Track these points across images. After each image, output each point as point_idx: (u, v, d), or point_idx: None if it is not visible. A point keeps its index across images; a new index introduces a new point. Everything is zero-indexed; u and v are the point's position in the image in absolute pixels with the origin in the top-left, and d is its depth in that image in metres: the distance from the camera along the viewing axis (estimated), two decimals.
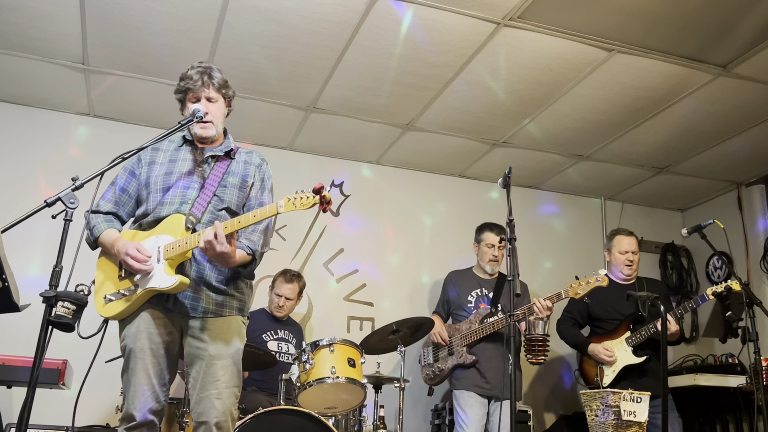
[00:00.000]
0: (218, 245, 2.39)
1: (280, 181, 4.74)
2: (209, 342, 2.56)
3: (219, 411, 2.50)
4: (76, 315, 2.08)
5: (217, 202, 2.68)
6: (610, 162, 5.31)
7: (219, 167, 2.74)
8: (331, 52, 3.95)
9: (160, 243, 2.56)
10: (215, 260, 2.51)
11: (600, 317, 4.35)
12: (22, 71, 4.26)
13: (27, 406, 1.98)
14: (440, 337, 4.32)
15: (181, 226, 2.57)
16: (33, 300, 2.35)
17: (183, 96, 2.78)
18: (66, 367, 3.32)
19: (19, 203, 2.78)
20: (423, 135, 4.97)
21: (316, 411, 3.32)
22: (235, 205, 2.72)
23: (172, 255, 2.52)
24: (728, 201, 5.70)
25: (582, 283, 3.82)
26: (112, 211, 2.73)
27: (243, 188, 2.75)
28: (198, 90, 2.73)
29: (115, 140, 4.52)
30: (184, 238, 2.52)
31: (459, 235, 5.41)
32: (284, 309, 4.41)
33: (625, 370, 4.09)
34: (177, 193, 2.66)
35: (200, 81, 2.72)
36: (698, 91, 4.22)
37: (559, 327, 4.51)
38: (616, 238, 4.44)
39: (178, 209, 2.62)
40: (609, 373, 4.13)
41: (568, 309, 4.52)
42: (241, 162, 2.81)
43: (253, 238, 2.65)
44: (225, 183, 2.72)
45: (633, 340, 4.12)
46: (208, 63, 2.82)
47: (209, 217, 2.63)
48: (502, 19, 3.59)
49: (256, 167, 2.82)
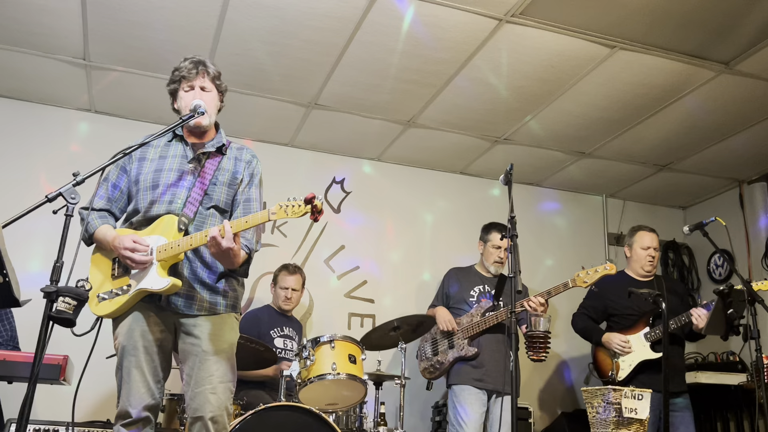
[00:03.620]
0: (225, 242, 2.39)
1: (280, 178, 4.78)
2: (203, 338, 2.57)
3: (214, 406, 2.50)
4: (76, 310, 2.08)
5: (206, 201, 2.67)
6: (612, 159, 5.31)
7: (210, 164, 2.72)
8: (333, 49, 3.94)
9: (152, 244, 2.55)
10: (219, 258, 2.51)
11: (617, 313, 4.27)
12: (23, 67, 4.25)
13: (27, 402, 1.98)
14: (450, 325, 4.23)
15: (173, 228, 2.56)
16: (34, 296, 2.35)
17: (177, 85, 2.77)
18: (67, 363, 3.32)
19: (20, 199, 2.78)
20: (424, 132, 4.96)
21: (317, 407, 3.32)
22: (224, 203, 2.71)
23: (165, 257, 2.52)
24: (730, 199, 5.69)
25: (590, 272, 3.81)
26: (106, 208, 2.73)
27: (232, 185, 2.74)
28: (193, 78, 2.74)
29: (115, 136, 4.50)
30: (176, 240, 2.52)
31: (460, 233, 5.41)
32: (292, 301, 4.41)
33: (641, 366, 4.02)
34: (167, 192, 2.64)
35: (195, 70, 2.74)
36: (700, 88, 4.21)
37: (573, 320, 4.48)
38: (638, 233, 4.36)
39: (168, 209, 2.61)
40: (625, 368, 4.06)
41: (584, 305, 4.48)
42: (232, 158, 2.79)
43: (248, 236, 2.64)
44: (215, 180, 2.71)
45: (652, 335, 4.03)
46: (201, 56, 2.83)
47: (199, 217, 2.64)
48: (504, 15, 3.58)
49: (246, 163, 2.80)
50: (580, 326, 4.42)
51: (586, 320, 4.41)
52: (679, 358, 4.21)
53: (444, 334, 4.30)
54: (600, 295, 4.28)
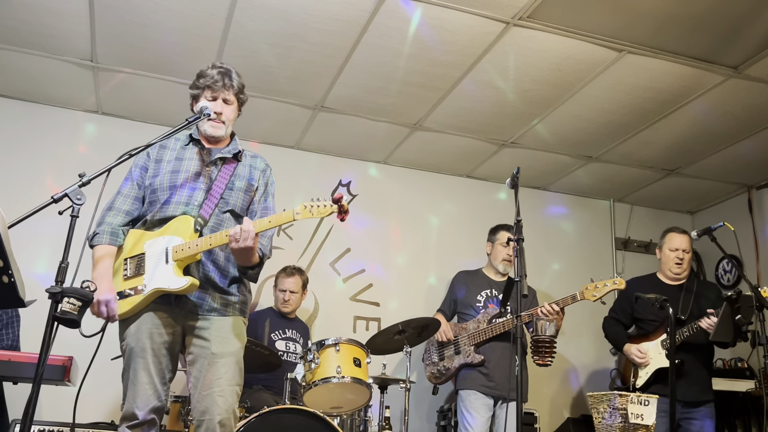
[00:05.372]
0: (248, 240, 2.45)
1: (287, 181, 4.76)
2: (212, 341, 2.59)
3: (222, 408, 2.52)
4: (81, 311, 2.08)
5: (222, 205, 2.71)
6: (620, 163, 5.28)
7: (226, 169, 2.77)
8: (340, 51, 3.94)
9: (168, 244, 2.58)
10: (237, 254, 2.56)
11: (642, 318, 4.23)
12: (31, 68, 4.27)
13: (32, 402, 1.98)
14: (446, 336, 4.28)
15: (189, 228, 2.60)
16: (39, 297, 2.35)
17: (200, 92, 2.80)
18: (72, 364, 3.32)
19: (27, 200, 2.77)
20: (431, 135, 4.95)
21: (322, 410, 3.31)
22: (240, 208, 2.76)
23: (182, 256, 2.55)
24: (739, 204, 5.65)
25: (598, 285, 3.79)
26: (130, 211, 2.72)
27: (248, 192, 2.80)
28: (218, 90, 2.77)
29: (123, 138, 4.52)
30: (194, 240, 2.55)
31: (466, 236, 5.40)
32: (290, 303, 4.41)
33: (658, 373, 3.99)
34: (184, 194, 2.68)
35: (221, 82, 2.77)
36: (709, 92, 4.18)
37: (603, 325, 4.45)
38: (668, 235, 4.29)
39: (185, 210, 2.65)
40: (642, 375, 4.05)
41: (613, 308, 4.45)
42: (247, 165, 2.85)
43: (263, 242, 2.69)
44: (231, 186, 2.75)
45: (667, 343, 3.99)
46: (228, 65, 2.85)
47: (215, 220, 2.67)
48: (512, 18, 3.57)
49: (261, 172, 2.87)
50: (608, 333, 4.40)
51: (615, 325, 4.36)
52: (703, 366, 4.09)
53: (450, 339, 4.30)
54: (628, 299, 4.20)
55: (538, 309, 3.92)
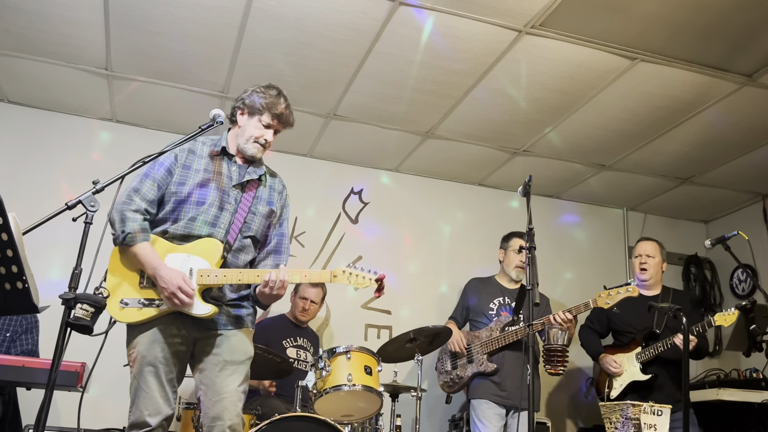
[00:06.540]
0: (282, 290, 2.60)
1: (299, 189, 4.78)
2: (223, 349, 2.65)
3: (232, 414, 2.58)
4: (94, 317, 2.09)
5: (245, 230, 2.75)
6: (633, 172, 5.26)
7: (250, 191, 2.80)
8: (352, 60, 3.95)
9: (193, 264, 2.60)
10: (265, 297, 2.65)
11: (618, 329, 4.33)
12: (47, 77, 4.32)
13: (44, 408, 1.99)
14: (458, 346, 4.26)
15: (217, 254, 2.64)
16: (53, 303, 2.36)
17: (257, 112, 2.79)
18: (84, 370, 3.33)
19: (42, 207, 2.79)
20: (443, 143, 4.95)
21: (332, 418, 3.30)
22: (260, 234, 2.81)
23: (208, 283, 2.59)
24: (753, 213, 5.60)
25: (611, 292, 3.78)
26: (150, 210, 2.66)
27: (269, 218, 2.84)
28: (279, 124, 2.84)
29: (137, 145, 4.52)
30: (222, 271, 2.60)
31: (478, 244, 5.38)
32: (308, 313, 4.41)
33: (631, 386, 4.08)
34: (211, 213, 2.68)
35: (285, 119, 2.85)
36: (723, 100, 4.16)
37: (579, 333, 4.47)
38: (636, 244, 4.43)
39: (210, 232, 2.66)
40: (617, 387, 4.13)
41: (590, 317, 4.49)
42: (267, 187, 2.87)
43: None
44: (254, 210, 2.79)
45: (642, 356, 4.09)
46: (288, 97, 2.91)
47: (237, 245, 2.72)
48: (524, 26, 3.57)
49: (279, 194, 2.91)
50: (584, 341, 4.47)
51: (590, 334, 4.44)
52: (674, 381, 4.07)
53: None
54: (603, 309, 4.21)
55: (550, 317, 3.91)
